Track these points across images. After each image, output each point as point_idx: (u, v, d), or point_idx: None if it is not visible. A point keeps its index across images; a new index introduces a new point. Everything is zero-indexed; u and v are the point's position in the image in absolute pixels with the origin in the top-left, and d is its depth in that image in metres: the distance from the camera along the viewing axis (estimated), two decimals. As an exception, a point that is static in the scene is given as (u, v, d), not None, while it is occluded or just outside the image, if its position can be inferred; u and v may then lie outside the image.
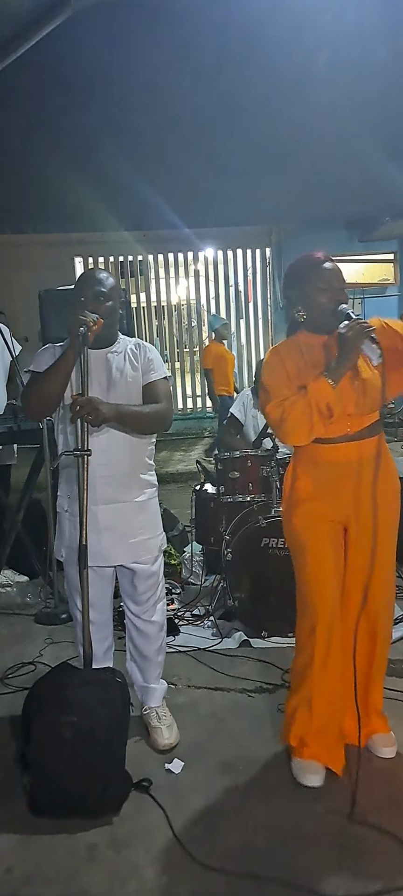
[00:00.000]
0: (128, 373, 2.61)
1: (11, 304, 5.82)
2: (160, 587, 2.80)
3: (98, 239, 10.51)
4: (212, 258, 11.34)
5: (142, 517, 2.67)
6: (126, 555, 2.64)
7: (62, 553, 2.70)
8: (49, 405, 2.56)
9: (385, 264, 11.54)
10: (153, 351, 2.72)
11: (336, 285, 2.36)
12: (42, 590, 4.36)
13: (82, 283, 2.60)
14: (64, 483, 2.68)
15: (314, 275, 2.36)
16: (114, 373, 2.59)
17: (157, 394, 2.62)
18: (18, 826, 2.32)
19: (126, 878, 2.09)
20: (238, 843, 2.20)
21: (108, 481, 2.55)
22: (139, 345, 2.70)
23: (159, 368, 2.67)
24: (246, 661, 3.40)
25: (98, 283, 2.56)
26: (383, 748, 2.55)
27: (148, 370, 2.64)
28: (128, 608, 2.77)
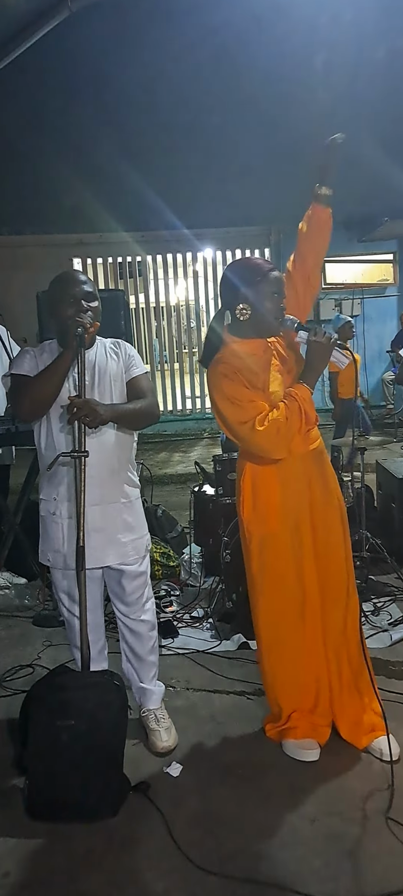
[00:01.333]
0: (111, 370, 2.62)
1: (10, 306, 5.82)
2: (147, 587, 2.79)
3: (97, 240, 10.51)
4: (211, 259, 11.33)
5: (128, 518, 2.67)
6: (114, 556, 2.63)
7: (49, 558, 2.67)
8: (43, 406, 2.54)
9: (384, 264, 11.54)
10: (131, 347, 2.74)
11: (283, 294, 2.46)
12: (40, 592, 4.35)
13: (66, 285, 2.57)
14: (48, 485, 2.64)
15: (266, 278, 2.44)
16: (97, 371, 2.59)
17: (142, 389, 2.64)
18: (16, 830, 2.31)
19: (124, 882, 2.08)
20: (236, 846, 2.19)
21: (97, 482, 2.53)
22: (117, 342, 2.72)
23: (140, 364, 2.70)
24: (244, 663, 3.39)
25: (84, 283, 2.57)
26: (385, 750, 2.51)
27: (129, 366, 2.66)
28: (118, 609, 2.77)
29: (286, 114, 5.77)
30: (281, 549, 2.52)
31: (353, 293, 10.95)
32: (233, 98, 5.57)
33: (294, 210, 6.34)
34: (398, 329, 10.73)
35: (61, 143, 6.14)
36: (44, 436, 2.60)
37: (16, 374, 2.57)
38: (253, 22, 4.46)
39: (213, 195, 8.09)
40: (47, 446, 2.59)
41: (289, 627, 2.56)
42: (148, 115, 5.86)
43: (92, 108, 5.58)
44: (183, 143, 6.47)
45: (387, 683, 3.04)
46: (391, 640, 3.52)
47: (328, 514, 2.54)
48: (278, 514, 2.50)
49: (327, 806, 2.33)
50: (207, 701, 3.08)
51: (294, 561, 2.52)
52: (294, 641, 2.56)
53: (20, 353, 2.65)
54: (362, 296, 10.97)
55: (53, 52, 4.59)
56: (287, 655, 2.59)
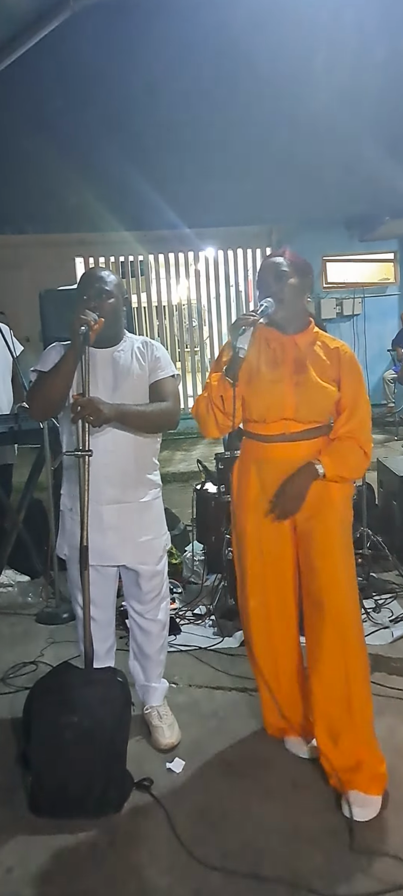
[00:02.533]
0: (135, 371, 2.59)
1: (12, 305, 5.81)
2: (164, 586, 2.79)
3: (98, 239, 10.50)
4: (213, 258, 11.33)
5: (146, 518, 2.66)
6: (130, 555, 2.63)
7: (65, 551, 2.69)
8: (52, 405, 2.56)
9: (385, 264, 11.53)
10: (160, 349, 2.69)
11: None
12: (43, 590, 4.37)
13: (85, 282, 2.59)
14: (66, 482, 2.68)
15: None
16: (120, 371, 2.57)
17: (164, 392, 2.60)
18: (19, 826, 2.33)
19: (127, 877, 2.10)
20: (239, 842, 2.20)
21: (113, 481, 2.54)
22: (146, 343, 2.68)
23: (167, 367, 2.65)
24: (246, 660, 3.37)
25: (100, 280, 2.55)
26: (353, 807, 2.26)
27: (155, 368, 2.62)
28: (132, 607, 2.77)
29: (287, 113, 5.77)
30: (250, 548, 2.50)
31: (354, 292, 10.95)
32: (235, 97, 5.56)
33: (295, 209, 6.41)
34: (399, 328, 10.73)
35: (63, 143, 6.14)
36: (66, 435, 2.63)
37: (36, 370, 2.58)
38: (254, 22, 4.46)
39: (215, 194, 8.07)
40: (67, 445, 2.61)
41: (260, 625, 2.55)
42: (150, 115, 5.86)
43: (94, 108, 5.58)
44: (184, 142, 6.46)
45: (388, 680, 3.06)
46: (392, 637, 3.53)
47: (307, 539, 2.40)
48: (250, 511, 2.48)
49: (329, 801, 2.34)
50: (209, 697, 3.10)
51: (263, 563, 2.48)
52: (263, 641, 2.56)
53: (48, 348, 2.62)
54: (363, 295, 10.96)
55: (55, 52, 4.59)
56: (262, 654, 2.57)
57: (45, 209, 8.51)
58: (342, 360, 2.38)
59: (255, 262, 11.36)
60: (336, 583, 2.33)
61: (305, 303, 2.45)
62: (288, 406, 2.34)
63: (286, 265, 2.37)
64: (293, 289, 2.36)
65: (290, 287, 2.36)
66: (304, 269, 2.43)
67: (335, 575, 2.33)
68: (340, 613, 2.32)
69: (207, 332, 11.91)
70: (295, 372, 2.36)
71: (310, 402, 2.33)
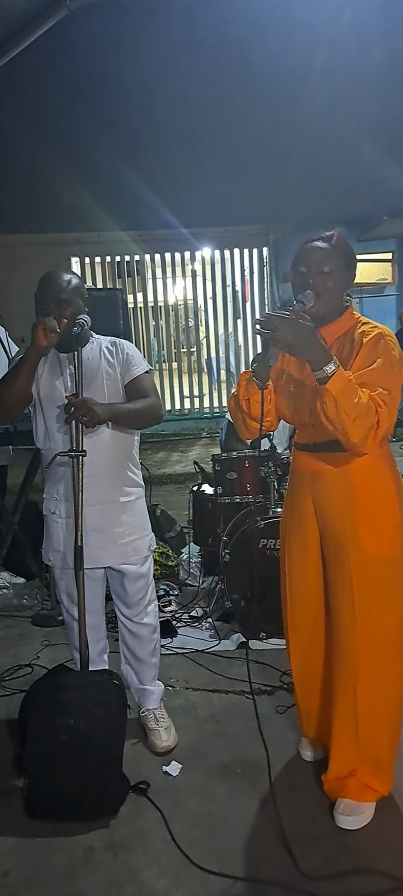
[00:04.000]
0: (104, 370, 2.58)
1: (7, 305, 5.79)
2: (150, 589, 2.77)
3: (94, 239, 10.50)
4: (210, 258, 11.33)
5: (129, 518, 2.65)
6: (114, 556, 2.62)
7: (50, 558, 2.68)
8: (10, 406, 2.57)
9: (383, 264, 11.54)
10: (130, 347, 2.68)
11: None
12: (39, 592, 4.35)
13: (44, 290, 2.53)
14: (49, 484, 2.66)
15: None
16: (87, 372, 2.53)
17: (144, 388, 2.59)
18: (15, 829, 2.31)
19: (123, 881, 2.08)
20: (236, 845, 2.19)
21: (95, 481, 2.51)
22: (115, 342, 2.66)
23: (140, 363, 2.63)
24: (244, 662, 3.35)
25: (59, 289, 2.51)
26: (341, 815, 2.23)
27: (128, 367, 2.60)
28: (120, 610, 2.76)
29: (284, 113, 5.78)
30: (286, 558, 2.43)
31: (352, 292, 10.94)
32: (231, 97, 5.57)
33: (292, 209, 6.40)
34: (397, 328, 10.74)
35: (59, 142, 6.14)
36: (41, 434, 2.61)
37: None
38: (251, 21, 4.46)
39: (212, 194, 8.08)
40: (46, 445, 2.59)
41: (294, 632, 2.47)
42: (146, 114, 5.86)
43: (90, 107, 5.58)
44: (181, 141, 6.47)
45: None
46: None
47: (335, 563, 2.23)
48: (284, 523, 2.44)
49: (326, 804, 2.33)
50: (206, 700, 3.08)
51: (296, 575, 2.40)
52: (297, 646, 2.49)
53: (19, 352, 2.65)
54: (361, 295, 10.97)
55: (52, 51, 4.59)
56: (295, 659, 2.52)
57: (41, 209, 8.51)
58: (364, 345, 2.04)
59: (252, 262, 11.36)
60: (363, 624, 2.17)
61: (344, 298, 2.17)
62: (305, 409, 2.17)
63: (331, 251, 2.11)
64: (336, 283, 2.11)
65: (334, 281, 2.10)
66: (351, 258, 2.17)
67: (364, 617, 2.16)
68: (363, 655, 2.18)
69: (203, 332, 11.91)
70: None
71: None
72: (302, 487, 2.29)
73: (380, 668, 2.19)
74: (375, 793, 2.29)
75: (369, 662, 2.18)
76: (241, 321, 11.77)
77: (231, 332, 11.66)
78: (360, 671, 2.18)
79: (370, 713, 2.21)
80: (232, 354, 11.76)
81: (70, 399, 2.36)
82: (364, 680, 2.19)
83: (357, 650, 2.17)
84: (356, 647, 2.18)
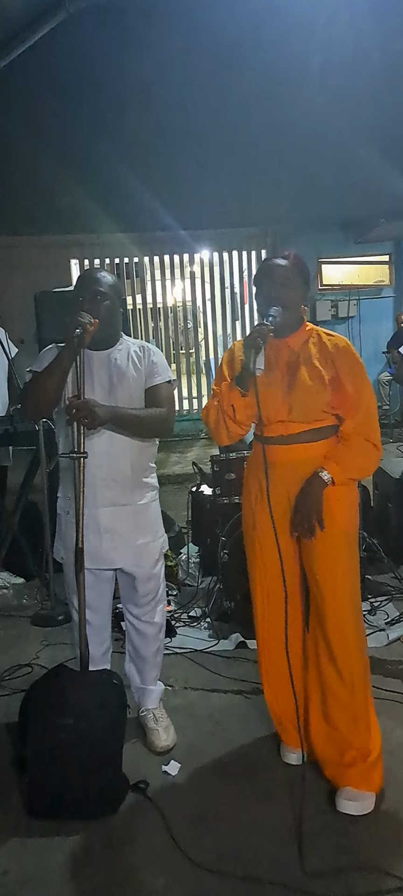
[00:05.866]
0: (131, 375, 2.58)
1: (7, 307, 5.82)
2: (161, 589, 2.78)
3: (94, 241, 10.50)
4: (208, 260, 11.33)
5: (143, 521, 2.65)
6: (127, 559, 2.63)
7: (62, 555, 2.69)
8: (44, 406, 2.56)
9: (380, 266, 11.56)
10: (157, 354, 2.68)
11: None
12: (38, 592, 4.36)
13: (81, 284, 2.60)
14: (63, 485, 2.67)
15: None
16: (115, 374, 2.56)
17: (160, 398, 2.59)
18: (15, 828, 2.32)
19: (123, 880, 2.09)
20: (235, 844, 2.20)
21: (109, 484, 2.54)
22: (143, 347, 2.67)
23: (163, 372, 2.64)
24: (242, 662, 3.40)
25: (95, 282, 2.54)
26: (345, 801, 2.31)
27: (151, 373, 2.61)
28: (129, 610, 2.77)
29: (282, 115, 5.78)
30: (250, 546, 2.52)
31: (349, 294, 10.98)
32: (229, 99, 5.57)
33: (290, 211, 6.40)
34: (393, 330, 10.76)
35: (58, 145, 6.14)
36: (62, 437, 2.62)
37: (32, 370, 2.58)
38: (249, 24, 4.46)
39: (210, 196, 8.08)
40: (63, 447, 2.60)
41: (261, 622, 2.56)
42: (144, 117, 5.86)
43: (89, 110, 5.58)
44: (179, 144, 6.47)
45: (383, 682, 3.06)
46: (387, 640, 3.54)
47: (309, 552, 2.38)
48: (249, 509, 2.50)
49: (325, 803, 2.34)
50: (205, 700, 3.10)
51: (262, 562, 2.47)
52: (264, 637, 2.56)
53: (45, 349, 2.61)
54: (358, 297, 10.99)
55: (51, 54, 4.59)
56: (262, 653, 2.57)
57: (41, 211, 8.50)
58: (337, 354, 2.32)
59: (250, 263, 11.38)
60: (336, 595, 2.32)
61: (303, 308, 2.41)
62: (281, 409, 2.32)
63: (291, 270, 2.34)
64: (297, 294, 2.35)
65: (295, 293, 2.34)
66: (307, 273, 2.42)
67: (335, 588, 2.33)
68: (340, 623, 2.32)
69: (202, 334, 11.92)
70: (288, 374, 2.34)
71: (302, 403, 2.29)
72: (275, 477, 2.36)
73: (357, 635, 2.36)
74: (375, 782, 2.33)
75: (348, 632, 2.33)
76: (240, 323, 11.78)
77: (229, 333, 11.66)
78: (342, 643, 2.32)
79: (358, 681, 2.33)
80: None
81: (71, 401, 2.37)
82: (346, 651, 2.33)
83: (335, 622, 2.33)
84: (333, 618, 2.33)
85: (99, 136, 6.05)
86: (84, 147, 6.27)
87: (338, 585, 2.34)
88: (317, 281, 11.06)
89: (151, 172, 6.86)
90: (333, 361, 2.31)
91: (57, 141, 6.06)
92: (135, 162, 6.56)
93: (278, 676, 2.48)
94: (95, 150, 6.32)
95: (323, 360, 2.32)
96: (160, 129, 6.14)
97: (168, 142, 6.40)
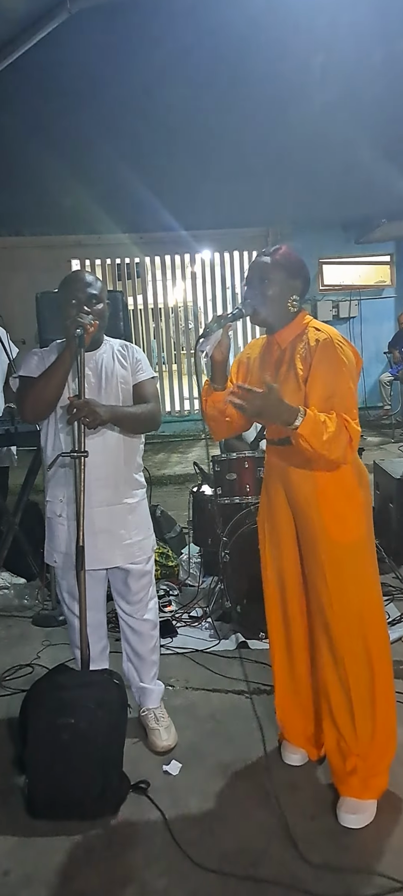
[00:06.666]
0: (119, 373, 2.63)
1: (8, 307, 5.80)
2: (152, 587, 2.81)
3: (95, 241, 10.50)
4: (209, 260, 11.33)
5: (135, 518, 2.68)
6: (121, 557, 2.64)
7: (55, 559, 2.69)
8: (46, 408, 2.56)
9: (381, 266, 11.56)
10: (139, 351, 2.75)
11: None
12: (39, 592, 4.36)
13: (71, 286, 2.58)
14: (54, 487, 2.65)
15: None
16: (103, 374, 2.60)
17: (146, 393, 2.65)
18: (16, 828, 2.32)
19: (124, 880, 2.09)
20: (236, 844, 2.20)
21: (104, 483, 2.56)
22: (126, 345, 2.73)
23: (147, 368, 2.70)
24: (243, 662, 3.39)
25: (89, 285, 2.56)
26: (345, 813, 2.27)
27: (136, 370, 2.67)
28: (121, 608, 2.78)
29: (283, 116, 5.78)
30: (263, 548, 2.52)
31: (350, 295, 10.97)
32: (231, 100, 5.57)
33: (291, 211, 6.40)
34: (395, 330, 10.76)
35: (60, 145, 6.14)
36: (50, 437, 2.62)
37: (22, 376, 2.60)
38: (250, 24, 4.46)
39: (211, 197, 8.09)
40: (53, 447, 2.61)
41: (272, 624, 2.53)
42: (146, 117, 5.87)
43: (90, 110, 5.58)
44: (181, 144, 6.47)
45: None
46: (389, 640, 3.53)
47: (308, 549, 2.32)
48: (262, 511, 2.51)
49: (327, 804, 2.34)
50: (206, 700, 3.10)
51: (276, 568, 2.46)
52: (276, 640, 2.53)
53: (28, 354, 2.64)
54: (359, 297, 10.99)
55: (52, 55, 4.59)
56: (275, 655, 2.55)
57: (42, 211, 8.52)
58: (316, 349, 2.16)
59: (252, 264, 11.36)
60: (338, 606, 2.23)
61: (290, 303, 2.27)
62: None
63: (271, 264, 2.25)
64: (277, 288, 2.24)
65: (274, 287, 2.24)
66: (294, 268, 2.28)
67: (338, 598, 2.23)
68: (342, 633, 2.24)
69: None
70: (274, 373, 2.29)
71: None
72: (275, 479, 2.39)
73: (363, 644, 2.24)
74: (377, 789, 2.30)
75: (351, 641, 2.24)
76: (240, 323, 11.78)
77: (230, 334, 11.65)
78: (345, 651, 2.23)
79: (361, 689, 2.25)
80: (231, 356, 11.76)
81: (72, 400, 2.38)
82: (350, 659, 2.24)
83: (338, 631, 2.24)
84: (336, 629, 2.24)
85: (100, 137, 6.06)
86: (85, 147, 6.27)
87: (336, 598, 2.23)
88: (319, 281, 11.06)
89: (152, 173, 6.87)
90: (311, 357, 2.17)
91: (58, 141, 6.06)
92: (136, 162, 6.56)
93: (291, 677, 2.50)
94: (97, 151, 6.32)
95: (303, 357, 2.20)
96: (162, 130, 6.15)
97: (169, 142, 6.40)
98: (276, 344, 2.34)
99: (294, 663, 2.50)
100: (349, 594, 2.24)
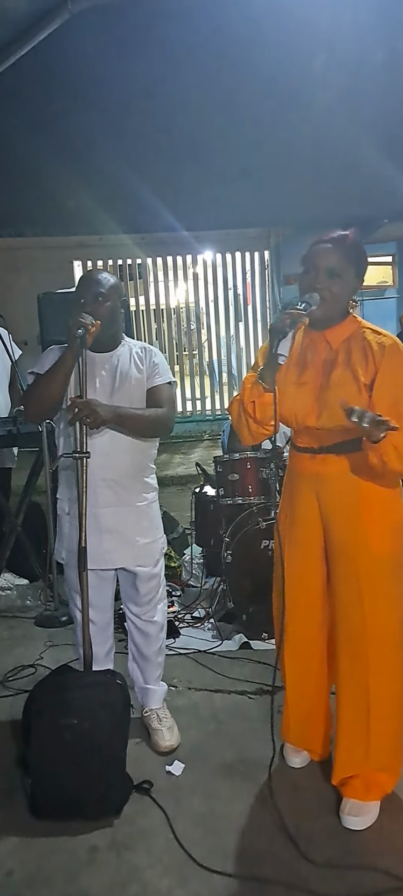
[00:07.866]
0: (133, 376, 2.60)
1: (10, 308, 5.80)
2: (161, 588, 2.80)
3: (97, 242, 10.51)
4: (211, 261, 11.33)
5: (143, 521, 2.67)
6: (128, 558, 2.64)
7: (63, 556, 2.70)
8: (48, 407, 2.57)
9: (383, 266, 11.54)
10: (159, 355, 2.70)
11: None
12: (42, 593, 4.36)
13: (82, 285, 2.60)
14: (64, 486, 2.68)
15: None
16: (118, 375, 2.58)
17: (160, 398, 2.60)
18: (19, 829, 2.32)
19: (127, 880, 2.09)
20: (239, 844, 2.20)
21: (110, 484, 2.55)
22: (145, 348, 2.69)
23: (164, 373, 2.65)
24: (246, 663, 3.40)
25: (97, 284, 2.55)
26: (347, 815, 2.24)
27: (152, 374, 2.63)
28: (130, 609, 2.77)
29: (286, 116, 5.78)
30: (286, 562, 2.38)
31: (353, 295, 10.96)
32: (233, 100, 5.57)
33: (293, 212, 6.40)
34: (397, 331, 10.73)
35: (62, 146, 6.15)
36: (62, 437, 2.63)
37: (34, 373, 2.59)
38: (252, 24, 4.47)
39: (213, 197, 8.09)
40: (63, 447, 2.61)
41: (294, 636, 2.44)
42: (148, 118, 5.87)
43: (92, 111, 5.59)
44: (183, 145, 6.48)
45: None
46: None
47: (341, 563, 2.24)
48: (282, 521, 2.42)
49: (328, 803, 2.34)
50: (209, 700, 3.09)
51: (296, 574, 2.35)
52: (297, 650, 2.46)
53: (46, 351, 2.64)
54: (361, 298, 10.96)
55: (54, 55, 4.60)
56: (286, 659, 2.50)
57: (44, 212, 8.52)
58: (381, 354, 2.04)
59: (253, 265, 11.38)
60: (370, 617, 2.18)
61: (350, 304, 2.18)
62: (311, 413, 2.15)
63: (343, 262, 2.10)
64: (342, 289, 2.12)
65: (341, 287, 2.11)
66: (362, 267, 2.16)
67: (371, 611, 2.17)
68: (370, 647, 2.18)
69: (205, 336, 11.91)
70: (322, 374, 2.15)
71: (333, 407, 2.05)
72: (305, 489, 2.29)
73: (391, 663, 2.21)
74: (380, 790, 2.29)
75: (380, 659, 2.19)
76: (243, 324, 11.78)
77: (232, 334, 11.66)
78: (371, 668, 2.19)
79: (383, 709, 2.21)
80: (233, 357, 11.76)
81: (74, 400, 2.38)
82: (375, 676, 2.19)
83: (368, 648, 2.18)
84: (367, 645, 2.18)
85: (102, 138, 6.06)
86: (87, 148, 6.28)
87: (370, 611, 2.17)
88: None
89: (154, 173, 6.87)
90: (375, 362, 2.06)
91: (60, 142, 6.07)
92: (138, 163, 6.56)
93: (302, 682, 2.47)
94: (98, 151, 6.33)
95: (363, 361, 2.08)
96: (163, 130, 6.15)
97: (171, 143, 6.41)
98: (325, 342, 2.19)
99: (306, 670, 2.45)
100: (385, 611, 2.18)
